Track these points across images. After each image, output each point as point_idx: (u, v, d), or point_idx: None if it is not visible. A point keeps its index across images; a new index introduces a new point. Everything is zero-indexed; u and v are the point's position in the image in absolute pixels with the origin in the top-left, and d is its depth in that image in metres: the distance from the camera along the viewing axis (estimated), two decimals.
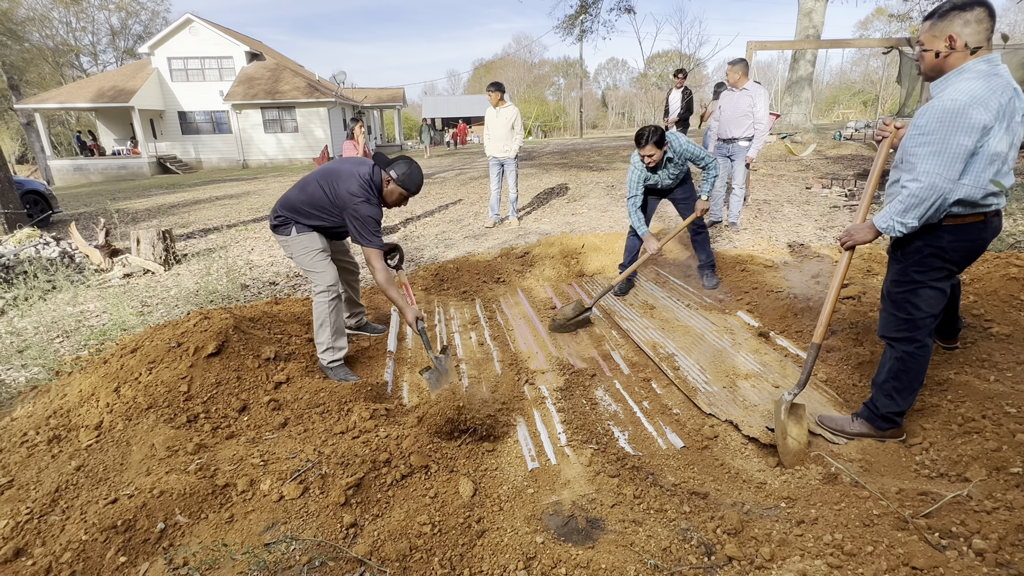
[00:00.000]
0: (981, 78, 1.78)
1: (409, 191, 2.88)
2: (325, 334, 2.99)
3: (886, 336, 2.20)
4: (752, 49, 8.80)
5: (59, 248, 5.88)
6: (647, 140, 3.52)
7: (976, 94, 1.75)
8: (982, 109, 1.75)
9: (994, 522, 1.60)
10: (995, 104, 1.75)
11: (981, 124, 1.75)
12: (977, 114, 1.74)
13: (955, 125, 1.77)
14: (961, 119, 1.75)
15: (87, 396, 2.65)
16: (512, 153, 6.40)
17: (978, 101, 1.75)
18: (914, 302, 2.08)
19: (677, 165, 3.77)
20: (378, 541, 1.84)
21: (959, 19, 1.78)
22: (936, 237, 1.98)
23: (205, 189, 14.64)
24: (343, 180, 2.83)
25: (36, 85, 30.79)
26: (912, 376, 2.15)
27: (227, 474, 2.15)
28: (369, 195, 2.82)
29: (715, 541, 1.76)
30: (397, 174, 2.82)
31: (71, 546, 1.83)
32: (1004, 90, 1.78)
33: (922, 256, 2.02)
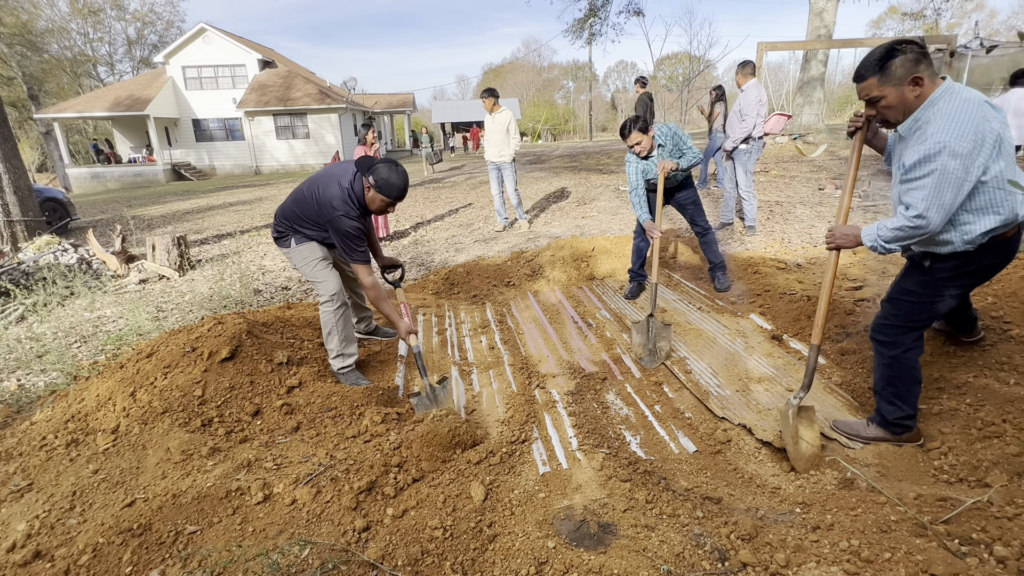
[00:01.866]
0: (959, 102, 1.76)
1: (389, 197, 2.71)
2: (334, 341, 3.01)
3: (875, 338, 2.16)
4: (762, 50, 8.75)
5: (77, 254, 5.99)
6: (630, 129, 3.56)
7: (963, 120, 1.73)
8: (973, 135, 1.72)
9: (1016, 528, 1.57)
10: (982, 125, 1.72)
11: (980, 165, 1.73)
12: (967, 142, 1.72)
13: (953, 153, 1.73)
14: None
15: (104, 400, 2.69)
16: (508, 157, 6.36)
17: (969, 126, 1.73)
18: (919, 312, 2.03)
19: (670, 152, 3.72)
20: (390, 545, 1.84)
21: (908, 61, 1.79)
22: (977, 257, 1.87)
23: (219, 195, 14.83)
24: (326, 191, 2.76)
25: (55, 95, 31.44)
26: (906, 379, 2.11)
27: (241, 478, 2.16)
28: (348, 208, 2.71)
29: (729, 547, 1.74)
30: (375, 180, 2.67)
31: (88, 548, 1.86)
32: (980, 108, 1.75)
33: (956, 274, 1.92)
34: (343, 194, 2.72)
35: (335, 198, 2.72)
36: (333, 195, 2.73)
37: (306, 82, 25.92)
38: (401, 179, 2.69)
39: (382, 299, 2.79)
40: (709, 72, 46.02)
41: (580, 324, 3.86)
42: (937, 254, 1.93)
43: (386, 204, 2.77)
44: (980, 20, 29.37)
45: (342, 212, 2.69)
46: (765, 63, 7.63)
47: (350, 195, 2.73)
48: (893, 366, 2.10)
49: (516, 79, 59.66)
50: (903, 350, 2.07)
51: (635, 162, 3.78)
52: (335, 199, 2.71)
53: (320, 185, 2.81)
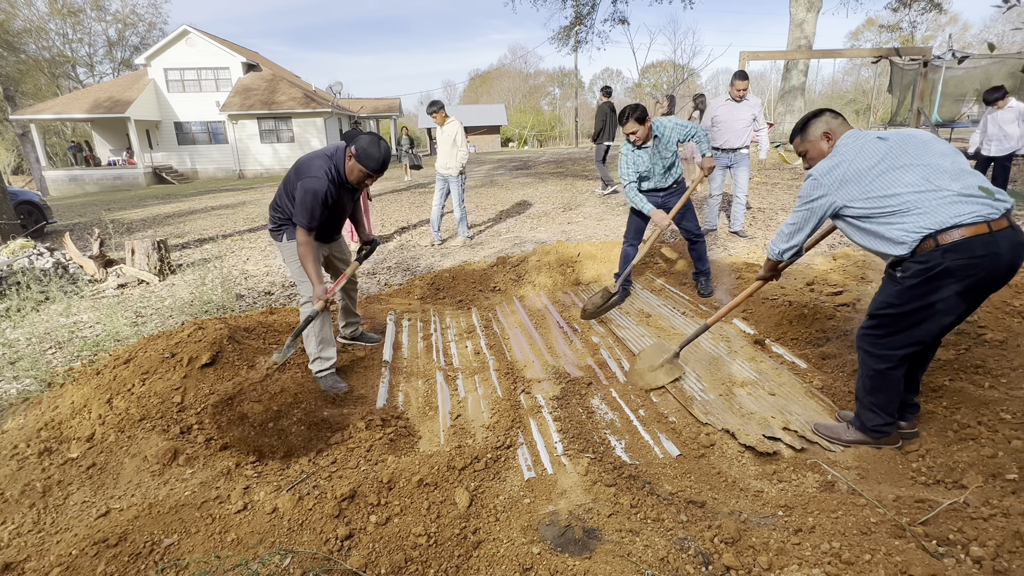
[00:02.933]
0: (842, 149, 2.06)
1: (367, 167, 2.71)
2: (311, 344, 2.97)
3: (862, 347, 2.16)
4: (745, 59, 8.89)
5: (53, 259, 5.85)
6: (628, 117, 3.59)
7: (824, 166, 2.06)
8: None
9: (991, 529, 1.60)
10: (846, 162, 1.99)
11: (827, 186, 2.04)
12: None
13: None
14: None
15: (79, 408, 2.62)
16: (454, 170, 6.17)
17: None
18: (901, 327, 1.99)
19: (667, 146, 3.74)
20: (373, 553, 1.82)
21: (822, 122, 2.16)
22: (937, 256, 1.83)
23: (201, 199, 14.62)
24: (310, 162, 2.78)
25: (32, 96, 30.81)
26: (889, 392, 2.12)
27: (220, 486, 2.12)
28: (323, 174, 2.72)
29: (713, 550, 1.75)
30: (356, 149, 2.69)
31: (61, 560, 1.81)
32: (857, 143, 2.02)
33: (922, 280, 1.87)
34: (323, 161, 2.76)
35: (315, 165, 2.76)
36: (312, 163, 2.77)
37: (291, 86, 25.74)
38: (381, 152, 2.70)
39: (308, 258, 2.75)
40: (693, 80, 46.63)
41: (566, 329, 3.86)
42: (895, 260, 1.97)
43: (363, 175, 2.77)
44: (954, 33, 30.20)
45: (314, 175, 2.71)
46: (748, 72, 7.77)
47: (329, 164, 2.76)
48: (876, 378, 2.11)
49: (503, 85, 59.86)
50: (889, 366, 2.06)
51: (627, 152, 3.77)
52: (314, 166, 2.75)
53: (305, 159, 2.85)
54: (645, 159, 3.76)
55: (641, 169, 3.78)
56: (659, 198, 3.94)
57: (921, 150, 1.93)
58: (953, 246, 1.81)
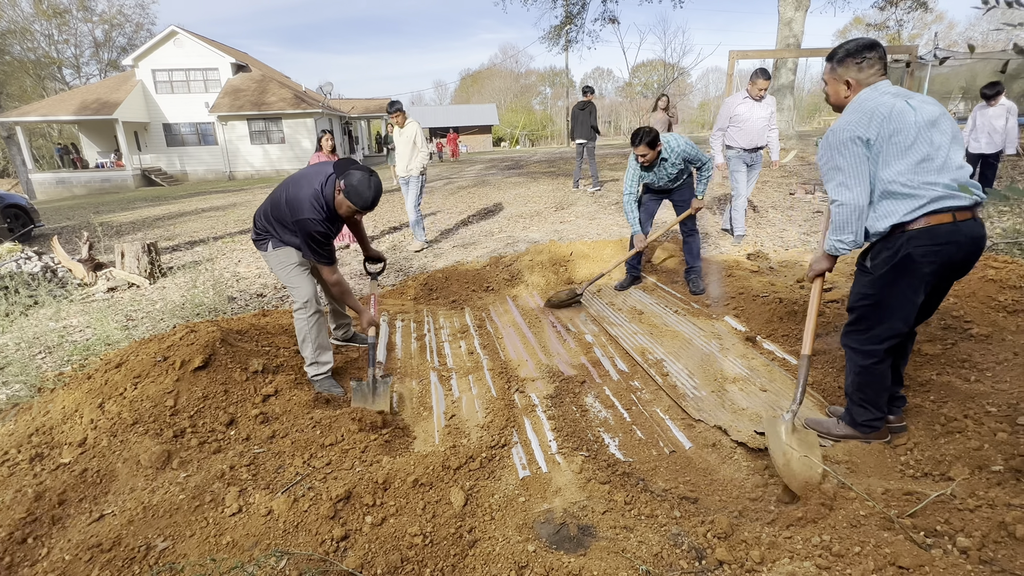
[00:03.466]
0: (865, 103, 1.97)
1: (356, 205, 2.65)
2: (308, 349, 2.97)
3: (847, 345, 2.20)
4: (734, 58, 8.96)
5: (41, 263, 5.79)
6: (640, 140, 3.74)
7: (853, 119, 1.95)
8: (858, 128, 1.92)
9: (977, 520, 1.63)
10: (876, 120, 1.90)
11: (857, 137, 1.92)
12: (851, 132, 1.93)
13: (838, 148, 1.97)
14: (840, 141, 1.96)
15: (71, 413, 2.60)
16: (415, 171, 6.11)
17: (854, 124, 1.94)
18: (880, 317, 2.05)
19: (674, 164, 3.92)
20: (369, 554, 1.83)
21: (853, 64, 2.01)
22: (902, 243, 1.92)
23: (191, 201, 14.51)
24: (298, 192, 2.74)
25: (17, 98, 30.45)
26: (877, 386, 2.15)
27: (215, 489, 2.12)
28: (316, 211, 2.69)
29: (706, 545, 1.77)
30: (346, 184, 2.63)
31: (55, 566, 1.80)
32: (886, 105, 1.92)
33: (891, 267, 1.96)
34: (312, 196, 2.70)
35: (304, 200, 2.70)
36: (303, 196, 2.71)
37: (281, 86, 25.59)
38: (371, 190, 2.64)
39: (347, 293, 2.84)
40: (683, 79, 46.83)
41: (559, 328, 3.88)
42: (870, 245, 2.04)
43: (352, 211, 2.72)
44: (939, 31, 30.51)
45: (308, 216, 2.67)
46: (736, 71, 7.81)
47: (319, 198, 2.71)
48: (863, 374, 2.15)
49: (494, 85, 59.85)
50: (874, 361, 2.10)
51: (634, 168, 4.02)
52: (304, 201, 2.70)
53: (293, 186, 2.80)
54: (649, 176, 4.04)
55: (647, 181, 4.11)
56: (663, 196, 4.27)
57: (936, 137, 1.89)
58: (917, 233, 1.89)
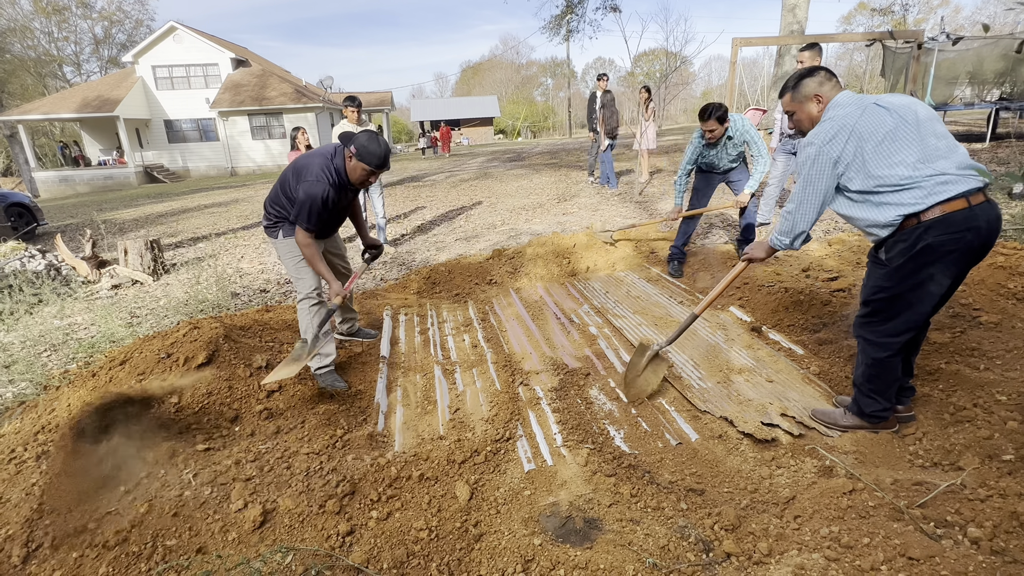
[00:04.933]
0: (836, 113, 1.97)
1: (369, 164, 2.70)
2: (310, 341, 2.96)
3: (861, 337, 2.14)
4: (737, 46, 8.85)
5: (45, 261, 5.80)
6: (710, 115, 3.73)
7: (823, 133, 1.95)
8: (828, 145, 1.93)
9: (988, 510, 1.61)
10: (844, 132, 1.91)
11: (833, 158, 1.93)
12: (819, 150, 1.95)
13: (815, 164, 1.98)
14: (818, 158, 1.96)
15: (76, 410, 2.60)
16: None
17: (824, 140, 1.94)
18: (897, 310, 1.99)
19: (736, 145, 3.95)
20: (375, 548, 1.82)
21: (812, 82, 2.04)
22: (919, 233, 1.85)
23: (193, 198, 14.52)
24: (309, 163, 2.78)
25: (18, 96, 30.43)
26: (888, 378, 2.11)
27: (220, 486, 2.12)
28: (326, 176, 2.72)
29: (713, 538, 1.76)
30: (356, 148, 2.69)
31: (63, 564, 1.80)
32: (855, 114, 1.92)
33: (908, 258, 1.89)
34: (322, 164, 2.75)
35: (314, 167, 2.74)
36: (313, 164, 2.75)
37: (281, 81, 25.52)
38: (381, 148, 2.70)
39: (316, 258, 2.80)
40: (686, 68, 46.42)
41: (563, 320, 3.86)
42: (879, 242, 1.98)
43: (367, 173, 2.75)
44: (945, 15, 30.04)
45: (315, 178, 2.71)
46: (740, 59, 7.72)
47: (328, 166, 2.75)
48: (876, 366, 2.10)
49: (495, 76, 59.53)
50: (889, 354, 2.05)
51: (696, 144, 4.04)
52: (313, 168, 2.74)
53: (302, 159, 2.84)
54: (711, 154, 4.05)
55: (704, 162, 4.14)
56: (719, 177, 4.27)
57: (920, 125, 1.87)
58: (934, 222, 1.82)
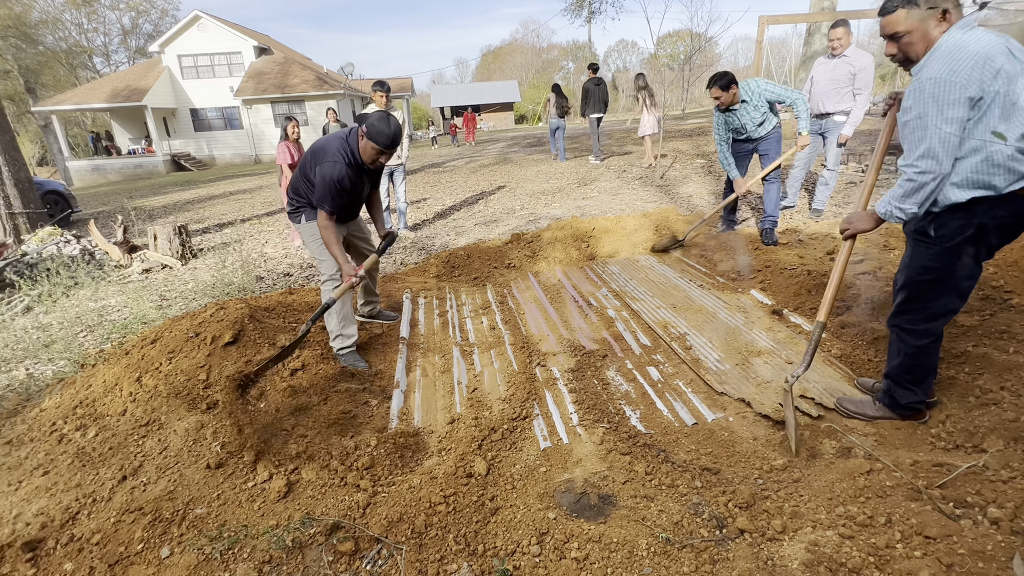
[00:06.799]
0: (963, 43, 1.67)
1: (378, 143, 2.74)
2: (332, 321, 3.03)
3: (898, 325, 2.04)
4: (764, 23, 8.60)
5: (79, 246, 6.02)
6: (714, 83, 3.97)
7: (959, 67, 1.65)
8: (969, 81, 1.64)
9: (1010, 491, 1.59)
10: (991, 68, 1.63)
11: (967, 97, 1.64)
12: (959, 87, 1.65)
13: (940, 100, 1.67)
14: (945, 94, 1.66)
15: (111, 386, 2.72)
16: (403, 159, 5.99)
17: (963, 74, 1.64)
18: (941, 292, 1.88)
19: (756, 107, 4.02)
20: (393, 519, 1.88)
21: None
22: (982, 210, 1.73)
23: (219, 185, 14.82)
24: (326, 145, 2.84)
25: (51, 87, 31.30)
26: (926, 368, 2.04)
27: (247, 458, 2.20)
28: (342, 156, 2.79)
29: (727, 515, 1.77)
30: (367, 128, 2.74)
31: (101, 528, 1.90)
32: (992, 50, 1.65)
33: (963, 238, 1.77)
34: (338, 145, 2.82)
35: (331, 148, 2.82)
36: (329, 147, 2.83)
37: (303, 68, 25.69)
38: (391, 128, 2.73)
39: (332, 241, 2.85)
40: (711, 49, 45.22)
41: (580, 303, 3.87)
42: (937, 213, 1.82)
43: (377, 152, 2.79)
44: None
45: (331, 159, 2.78)
46: (767, 38, 7.51)
47: (344, 147, 2.82)
48: (916, 355, 2.00)
49: (515, 61, 58.94)
50: (930, 340, 1.96)
51: (717, 115, 4.21)
52: (330, 149, 2.81)
53: (320, 143, 2.91)
54: (734, 120, 4.15)
55: (731, 127, 4.23)
56: (749, 148, 4.36)
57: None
58: (1000, 201, 1.70)
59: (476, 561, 1.72)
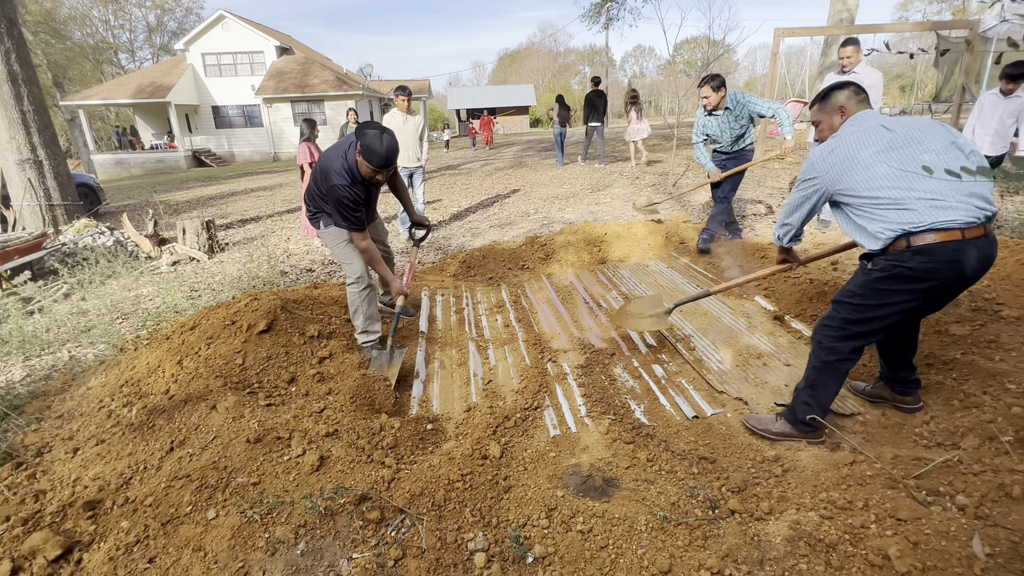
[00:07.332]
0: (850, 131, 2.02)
1: (371, 164, 2.70)
2: (359, 320, 3.22)
3: (815, 338, 2.17)
4: (779, 36, 8.72)
5: (113, 237, 6.30)
6: (704, 82, 4.22)
7: (825, 153, 2.02)
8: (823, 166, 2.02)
9: (979, 483, 1.74)
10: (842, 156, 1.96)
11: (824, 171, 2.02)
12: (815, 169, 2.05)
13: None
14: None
15: (154, 368, 2.95)
16: (423, 161, 6.22)
17: (822, 161, 2.02)
18: (863, 316, 2.01)
19: (737, 119, 4.21)
20: (415, 493, 2.07)
21: (840, 94, 2.11)
22: (907, 256, 1.86)
23: (240, 182, 15.17)
24: (330, 162, 2.88)
25: (78, 82, 32.08)
26: (829, 388, 2.15)
27: (283, 435, 2.41)
28: (343, 177, 2.80)
29: (720, 497, 1.94)
30: (361, 145, 2.68)
31: (153, 491, 2.11)
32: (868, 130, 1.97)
33: (890, 275, 1.91)
34: (340, 164, 2.85)
35: (333, 169, 2.85)
36: (332, 166, 2.86)
37: (323, 68, 26.12)
38: (384, 147, 2.67)
39: (376, 261, 2.96)
40: (728, 57, 45.13)
41: (591, 304, 4.04)
42: (868, 252, 1.99)
43: (372, 171, 2.76)
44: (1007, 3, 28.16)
45: (335, 182, 2.81)
46: (782, 48, 7.64)
47: (343, 165, 2.85)
48: (823, 371, 2.13)
49: (532, 64, 59.22)
50: (838, 358, 2.09)
51: (700, 116, 4.45)
52: (333, 170, 2.85)
53: (324, 158, 2.97)
54: (713, 124, 4.34)
55: (709, 132, 4.38)
56: (722, 160, 4.63)
57: (921, 146, 1.86)
58: (922, 249, 1.82)
59: (490, 531, 1.91)
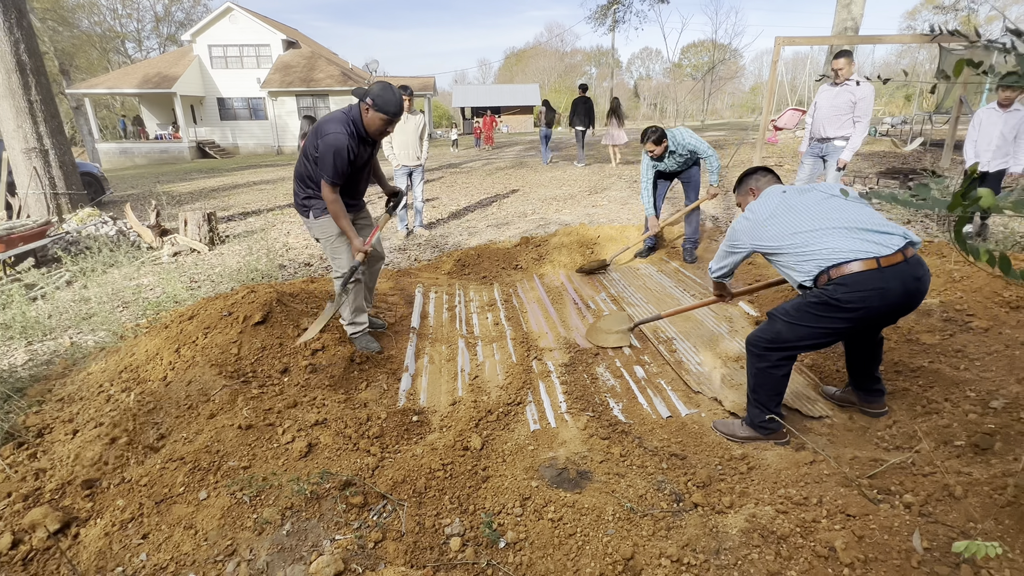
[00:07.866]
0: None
1: (387, 113, 2.79)
2: (346, 311, 3.30)
3: (747, 347, 2.30)
4: (779, 44, 8.80)
5: (115, 227, 6.41)
6: (647, 139, 4.45)
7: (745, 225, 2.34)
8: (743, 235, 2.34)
9: (927, 483, 1.84)
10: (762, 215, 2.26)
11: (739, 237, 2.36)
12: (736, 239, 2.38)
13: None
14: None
15: (152, 355, 3.05)
16: (423, 160, 6.27)
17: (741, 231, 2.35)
18: (790, 334, 2.15)
19: (681, 155, 4.52)
20: (398, 480, 2.17)
21: (752, 180, 2.48)
22: (832, 287, 2.02)
23: (243, 174, 15.27)
24: (325, 124, 2.84)
25: (84, 71, 32.19)
26: (770, 390, 2.27)
27: (272, 423, 2.51)
28: (343, 128, 2.80)
29: (685, 491, 2.04)
30: (372, 99, 2.77)
31: (148, 472, 2.22)
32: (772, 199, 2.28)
33: (822, 302, 2.05)
34: (341, 119, 2.88)
35: (333, 122, 2.86)
36: (331, 122, 2.87)
37: (329, 63, 26.21)
38: (395, 96, 2.80)
39: (340, 215, 2.93)
40: (734, 61, 45.21)
41: (580, 305, 4.14)
42: (801, 284, 2.18)
43: (385, 122, 2.85)
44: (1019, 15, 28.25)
45: (333, 131, 2.82)
46: (781, 57, 7.71)
47: (346, 120, 2.87)
48: (759, 376, 2.27)
49: (538, 64, 59.25)
50: (768, 365, 2.22)
51: (647, 161, 4.66)
52: (332, 123, 2.86)
53: (321, 122, 2.95)
54: (660, 166, 4.66)
55: (659, 168, 4.68)
56: (674, 176, 4.84)
57: (813, 203, 2.17)
58: (841, 280, 2.00)
59: (467, 518, 2.01)
